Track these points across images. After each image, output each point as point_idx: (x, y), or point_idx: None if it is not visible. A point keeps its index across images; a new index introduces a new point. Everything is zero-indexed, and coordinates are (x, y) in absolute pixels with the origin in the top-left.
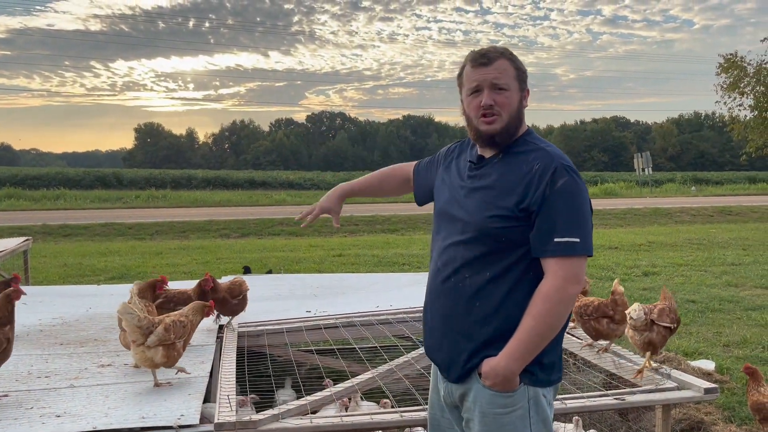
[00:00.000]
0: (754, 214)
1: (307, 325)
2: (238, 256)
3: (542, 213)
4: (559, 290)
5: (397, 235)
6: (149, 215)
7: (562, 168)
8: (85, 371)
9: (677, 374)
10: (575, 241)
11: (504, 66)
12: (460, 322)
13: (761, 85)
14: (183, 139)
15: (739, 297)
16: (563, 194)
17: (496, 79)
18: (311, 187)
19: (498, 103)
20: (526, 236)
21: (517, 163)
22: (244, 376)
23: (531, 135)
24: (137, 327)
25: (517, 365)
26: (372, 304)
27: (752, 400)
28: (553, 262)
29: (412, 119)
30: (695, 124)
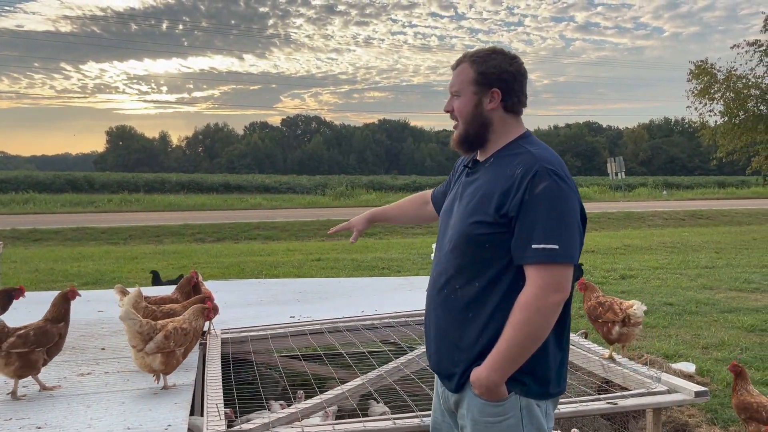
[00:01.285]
0: (724, 217)
1: (291, 331)
2: (215, 261)
3: (520, 218)
4: (537, 299)
5: (374, 239)
6: (122, 219)
7: (544, 171)
8: (65, 380)
9: (667, 377)
10: (554, 248)
11: (462, 70)
12: (454, 333)
13: (731, 91)
14: (156, 143)
15: (715, 299)
16: (543, 199)
17: (451, 86)
18: (287, 191)
19: (456, 109)
20: (509, 243)
21: (503, 167)
22: (230, 384)
23: (526, 138)
24: (138, 333)
25: (497, 376)
26: (357, 309)
27: (739, 399)
28: (532, 269)
29: (388, 123)
30: (665, 130)
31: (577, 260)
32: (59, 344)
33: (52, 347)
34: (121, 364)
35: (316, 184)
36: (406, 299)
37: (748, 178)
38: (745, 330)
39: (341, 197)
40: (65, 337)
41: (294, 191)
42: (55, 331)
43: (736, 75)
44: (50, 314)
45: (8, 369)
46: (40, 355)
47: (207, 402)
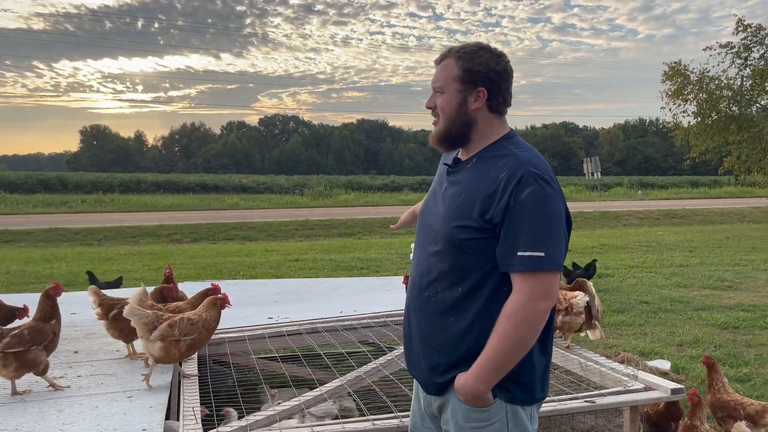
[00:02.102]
0: (697, 217)
1: (269, 332)
2: (191, 262)
3: (505, 225)
4: (524, 307)
5: (353, 239)
6: (97, 220)
7: (529, 176)
8: (36, 384)
9: (644, 375)
10: (540, 256)
11: (446, 66)
12: (435, 337)
13: (703, 93)
14: (131, 142)
15: (689, 297)
16: (528, 204)
17: (434, 82)
18: (265, 191)
19: (438, 105)
20: (494, 248)
21: (486, 169)
22: (207, 386)
23: (510, 139)
24: (144, 324)
25: (483, 385)
26: (335, 310)
27: (715, 397)
28: (519, 277)
29: (367, 123)
30: (640, 130)
31: (562, 266)
32: (54, 342)
33: (48, 345)
34: (94, 367)
35: (295, 184)
36: (385, 299)
37: (720, 177)
38: (719, 327)
39: (320, 197)
40: (59, 334)
41: (272, 191)
42: (48, 329)
43: (709, 76)
44: (38, 314)
45: (7, 370)
46: (38, 354)
47: (183, 405)
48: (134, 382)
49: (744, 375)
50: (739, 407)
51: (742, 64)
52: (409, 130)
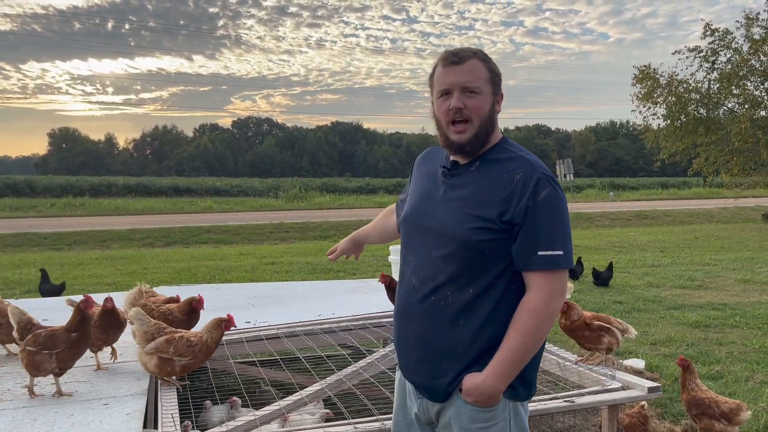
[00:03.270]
0: (667, 217)
1: (247, 337)
2: (165, 266)
3: (525, 225)
4: (546, 305)
5: (329, 242)
6: (66, 224)
7: (544, 179)
8: (8, 393)
9: (621, 375)
10: (559, 254)
11: (476, 67)
12: (442, 342)
13: (672, 95)
14: (101, 145)
15: (661, 297)
16: (546, 206)
17: (467, 82)
18: (238, 194)
19: (468, 107)
20: (508, 249)
21: (496, 171)
22: (185, 392)
23: (507, 142)
24: (144, 332)
25: (503, 383)
26: (314, 313)
27: (690, 395)
28: (538, 275)
29: (341, 126)
30: (611, 132)
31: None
32: (68, 354)
33: (61, 354)
34: (68, 374)
35: (269, 186)
36: (363, 302)
37: (689, 179)
38: (691, 326)
39: (294, 200)
40: (79, 348)
41: (246, 194)
42: (64, 338)
43: (678, 80)
44: (68, 322)
45: (22, 364)
46: (44, 358)
47: (161, 412)
48: (110, 389)
49: (716, 372)
50: (713, 405)
51: (710, 67)
52: (383, 133)
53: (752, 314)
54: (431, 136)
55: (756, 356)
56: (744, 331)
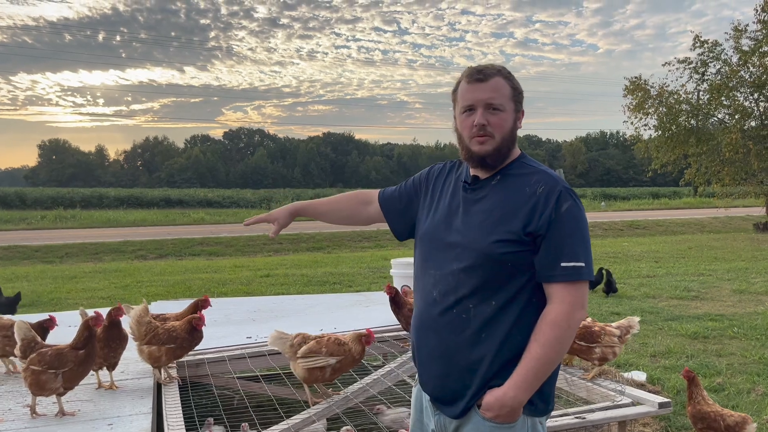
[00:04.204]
0: (659, 227)
1: (249, 352)
2: (159, 279)
3: (548, 237)
4: (568, 317)
5: (323, 253)
6: (58, 236)
7: (566, 192)
8: (10, 412)
9: (630, 390)
10: (581, 266)
11: (500, 85)
12: (464, 355)
13: (663, 106)
14: (92, 157)
15: (658, 308)
16: (569, 218)
17: (490, 99)
18: (230, 205)
19: (491, 123)
20: (530, 261)
21: (518, 185)
22: (191, 410)
23: (526, 158)
24: (290, 346)
25: (525, 395)
26: (315, 328)
27: (695, 408)
28: (560, 287)
29: (332, 136)
30: (601, 143)
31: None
32: (75, 372)
33: (68, 372)
34: (70, 393)
35: (261, 197)
36: (364, 316)
37: (679, 189)
38: (689, 337)
39: None
40: (86, 365)
41: (238, 205)
42: (72, 357)
43: (668, 91)
44: (74, 340)
45: (25, 384)
46: (50, 378)
47: (168, 431)
48: (113, 409)
49: (718, 384)
50: (719, 418)
51: (700, 78)
52: (375, 144)
53: (750, 325)
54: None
55: (756, 368)
56: (743, 342)
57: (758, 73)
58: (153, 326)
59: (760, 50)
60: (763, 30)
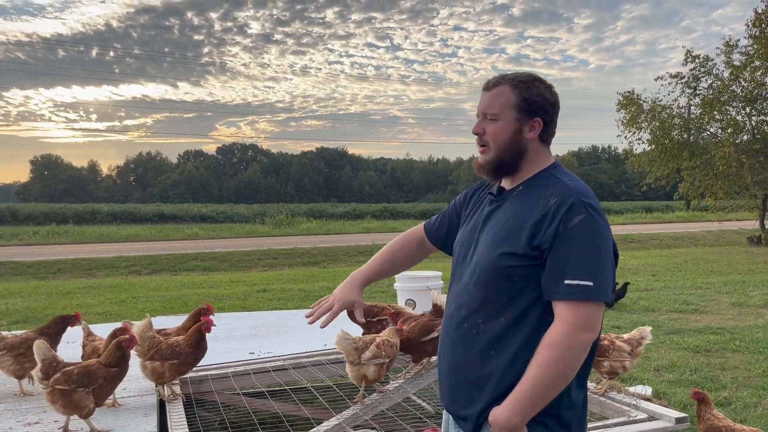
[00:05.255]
0: (653, 241)
1: (253, 368)
2: (155, 294)
3: (553, 251)
4: (567, 337)
5: (319, 268)
6: (50, 252)
7: (580, 204)
8: (10, 431)
9: (645, 404)
10: (588, 285)
11: (500, 94)
12: (474, 371)
13: (656, 121)
14: (84, 172)
15: (659, 321)
16: (578, 232)
17: (486, 108)
18: (224, 220)
19: (487, 132)
20: (539, 276)
21: (534, 196)
22: (197, 427)
23: (556, 168)
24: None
25: (518, 418)
26: (319, 343)
27: (707, 425)
28: (563, 306)
29: (326, 151)
30: (593, 157)
31: (609, 298)
32: (105, 388)
33: (97, 389)
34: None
35: (255, 213)
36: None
37: (672, 202)
38: (691, 351)
39: (282, 226)
40: (116, 381)
41: (232, 220)
42: (101, 373)
43: (661, 105)
44: (105, 358)
45: (55, 405)
46: (83, 396)
47: None
48: (117, 428)
49: (724, 399)
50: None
51: (692, 93)
52: (368, 158)
53: (751, 338)
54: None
55: (761, 381)
56: (745, 355)
57: (750, 87)
58: (156, 341)
59: (751, 65)
60: (755, 45)
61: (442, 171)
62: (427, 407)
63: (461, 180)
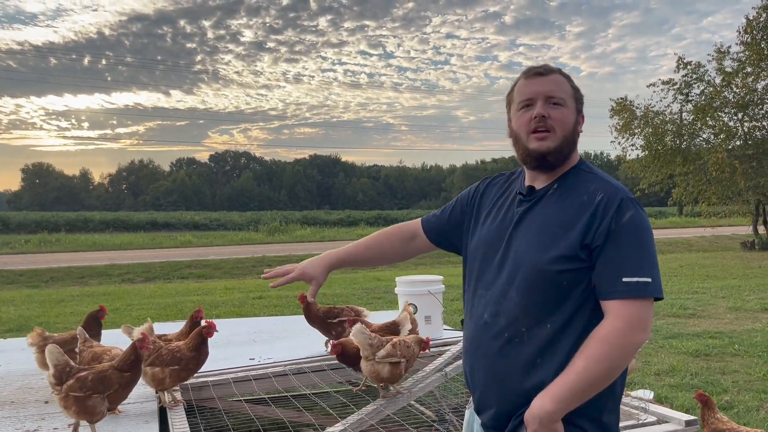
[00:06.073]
0: None
1: (254, 374)
2: (150, 302)
3: (607, 249)
4: (622, 335)
5: None
6: (42, 260)
7: (628, 200)
8: None
9: (654, 407)
10: (647, 281)
11: (560, 80)
12: (519, 382)
13: (649, 127)
14: (76, 180)
15: (657, 326)
16: (631, 229)
17: (551, 92)
18: (218, 228)
19: (552, 117)
20: (588, 278)
21: (575, 194)
22: None
23: (586, 164)
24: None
25: (554, 407)
26: (319, 348)
27: (711, 428)
28: (619, 303)
29: (319, 159)
30: None
31: (663, 295)
32: (120, 393)
33: (113, 394)
34: (67, 420)
35: (248, 220)
36: None
37: (665, 208)
38: (691, 355)
39: (275, 233)
40: (131, 386)
41: (225, 228)
42: (116, 378)
43: (654, 111)
44: (118, 362)
45: (68, 411)
46: (97, 402)
47: None
48: None
49: (726, 402)
50: None
51: (684, 99)
52: (362, 165)
53: (749, 342)
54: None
55: (762, 385)
56: (745, 359)
57: (742, 93)
58: (156, 347)
59: (743, 71)
60: (746, 51)
61: (436, 178)
62: (431, 414)
63: (454, 187)
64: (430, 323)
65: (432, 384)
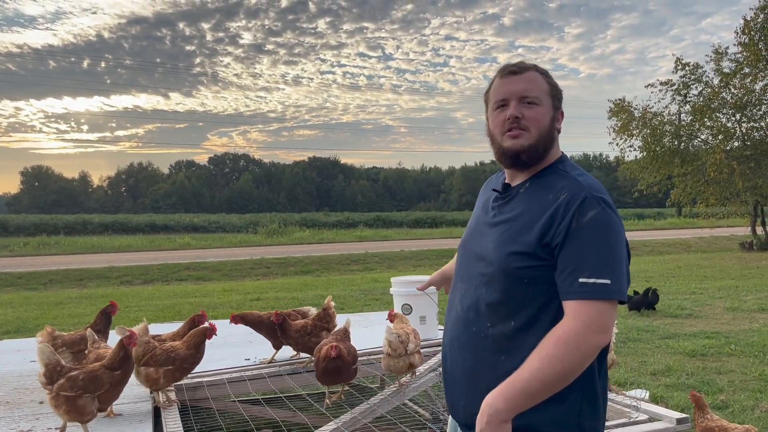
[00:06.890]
0: (645, 248)
1: (248, 375)
2: (148, 304)
3: (566, 249)
4: (578, 336)
5: (312, 277)
6: (41, 263)
7: (592, 198)
8: None
9: (645, 406)
10: (605, 283)
11: (535, 78)
12: (485, 377)
13: (647, 128)
14: (75, 183)
15: (654, 326)
16: (592, 228)
17: (525, 91)
18: (216, 230)
19: (526, 117)
20: (551, 277)
21: (543, 192)
22: None
23: (564, 163)
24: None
25: (503, 405)
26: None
27: (701, 426)
28: (577, 304)
29: (318, 161)
30: (584, 165)
31: (626, 298)
32: (111, 392)
33: (104, 394)
34: (59, 420)
35: (247, 222)
36: (364, 336)
37: (663, 209)
38: (687, 355)
39: (274, 235)
40: (121, 385)
41: (224, 230)
42: (106, 378)
43: (652, 112)
44: (108, 360)
45: (58, 411)
46: (88, 402)
47: None
48: None
49: (721, 402)
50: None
51: (682, 100)
52: (361, 167)
53: (746, 342)
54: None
55: (757, 384)
56: (741, 359)
57: (740, 94)
58: (151, 346)
59: (741, 72)
60: (744, 52)
61: (435, 180)
62: (425, 413)
63: (453, 188)
64: (425, 323)
65: (426, 384)
